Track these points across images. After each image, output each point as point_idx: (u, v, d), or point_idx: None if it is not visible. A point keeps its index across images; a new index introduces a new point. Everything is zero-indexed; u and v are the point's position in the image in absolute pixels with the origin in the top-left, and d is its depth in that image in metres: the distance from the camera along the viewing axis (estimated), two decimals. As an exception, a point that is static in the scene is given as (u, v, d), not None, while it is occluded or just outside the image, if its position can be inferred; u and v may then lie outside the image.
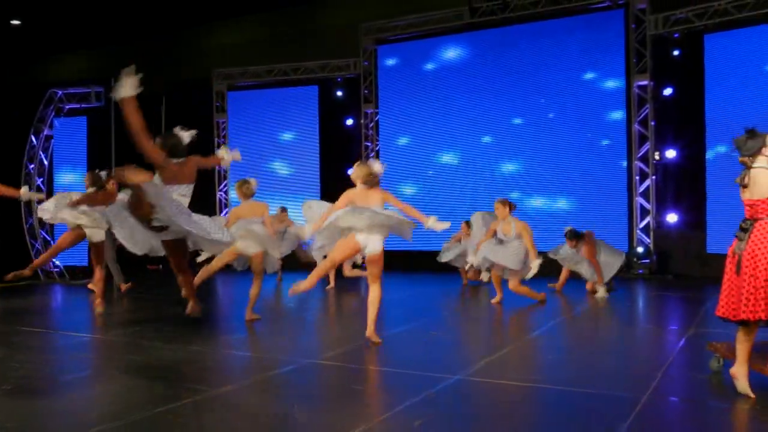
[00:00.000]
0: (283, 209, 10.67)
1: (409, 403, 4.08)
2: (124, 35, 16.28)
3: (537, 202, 12.15)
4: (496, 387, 4.46)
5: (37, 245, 13.27)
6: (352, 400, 4.38)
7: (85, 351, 6.02)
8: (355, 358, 5.47)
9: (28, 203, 13.13)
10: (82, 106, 13.74)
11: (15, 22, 14.34)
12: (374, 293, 5.73)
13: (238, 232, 6.53)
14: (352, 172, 6.00)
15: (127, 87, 4.92)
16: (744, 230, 4.10)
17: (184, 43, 16.21)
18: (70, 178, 14.07)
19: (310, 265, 6.66)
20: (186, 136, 5.53)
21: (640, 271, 11.25)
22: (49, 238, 13.48)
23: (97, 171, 7.82)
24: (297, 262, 9.95)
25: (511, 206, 7.89)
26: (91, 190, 7.62)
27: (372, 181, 5.90)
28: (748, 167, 4.11)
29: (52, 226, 13.59)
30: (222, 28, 15.94)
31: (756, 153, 4.11)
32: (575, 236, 8.80)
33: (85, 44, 16.60)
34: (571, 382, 4.58)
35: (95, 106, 13.53)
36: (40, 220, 13.38)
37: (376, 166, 6.00)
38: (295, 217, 10.72)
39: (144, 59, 16.50)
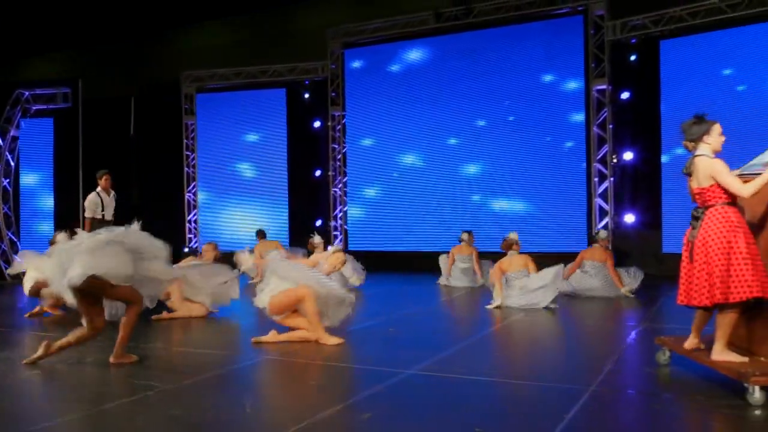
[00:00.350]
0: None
1: (360, 397, 4.02)
2: (94, 38, 16.04)
3: (499, 203, 12.14)
4: (447, 381, 4.39)
5: (2, 246, 12.97)
6: (305, 394, 4.29)
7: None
8: (311, 354, 5.37)
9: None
10: (50, 107, 13.48)
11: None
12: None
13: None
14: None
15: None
16: (696, 218, 4.12)
17: (155, 47, 16.01)
18: (35, 178, 13.79)
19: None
20: None
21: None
22: (15, 239, 13.19)
23: None
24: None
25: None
26: None
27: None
28: (692, 155, 4.13)
29: (17, 202, 13.35)
30: (192, 31, 15.78)
31: (698, 139, 4.12)
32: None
33: (54, 47, 16.32)
34: (522, 375, 4.55)
35: (62, 107, 13.27)
36: (6, 218, 13.12)
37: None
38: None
39: (114, 62, 16.38)
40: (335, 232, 13.72)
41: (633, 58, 11.33)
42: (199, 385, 4.37)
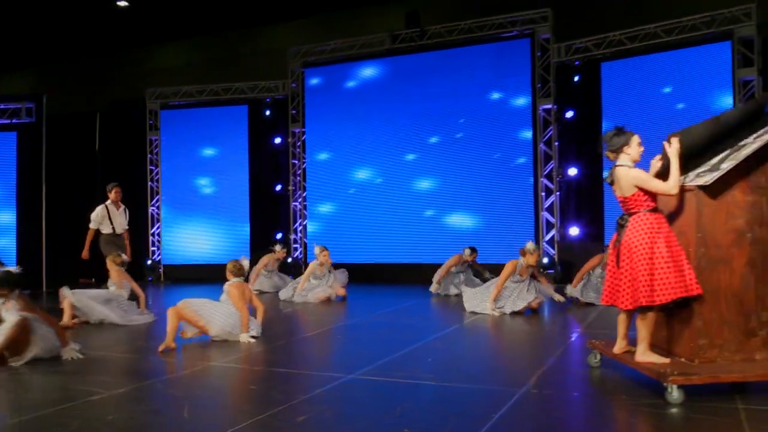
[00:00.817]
0: None
1: (297, 400, 3.96)
2: (61, 55, 15.81)
3: (452, 217, 12.18)
4: (385, 384, 4.37)
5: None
6: (243, 398, 4.23)
7: None
8: (255, 360, 5.30)
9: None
10: (13, 121, 13.18)
11: None
12: None
13: None
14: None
15: None
16: (621, 226, 4.17)
17: (121, 64, 15.83)
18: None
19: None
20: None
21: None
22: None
23: None
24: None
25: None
26: None
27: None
28: (614, 165, 4.19)
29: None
30: (158, 50, 15.65)
31: (619, 150, 4.19)
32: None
33: (21, 64, 16.06)
34: (459, 378, 4.53)
35: (27, 121, 13.00)
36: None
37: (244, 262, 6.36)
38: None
39: (80, 79, 16.16)
40: (295, 245, 13.63)
41: (576, 78, 11.49)
42: (142, 391, 4.28)
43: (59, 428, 3.45)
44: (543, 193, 11.67)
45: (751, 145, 3.99)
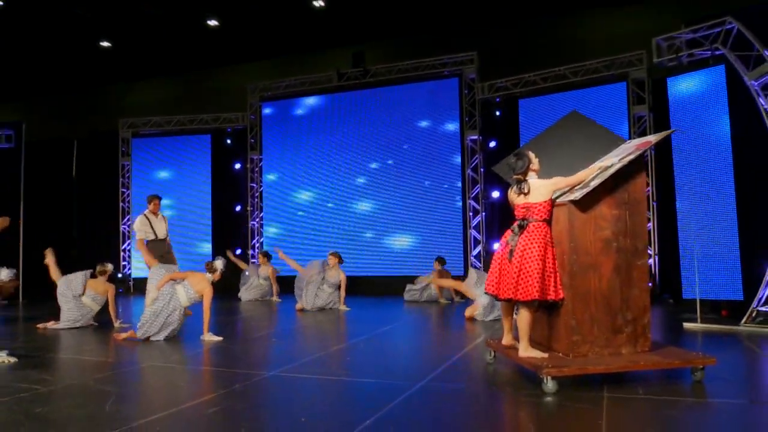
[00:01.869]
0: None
1: (215, 395, 3.86)
2: (40, 88, 15.47)
3: (391, 235, 12.18)
4: (297, 381, 4.29)
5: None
6: (168, 393, 4.10)
7: None
8: (191, 360, 5.17)
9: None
10: (-7, 147, 12.80)
11: None
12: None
13: None
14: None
15: None
16: (521, 227, 4.18)
17: (97, 98, 15.56)
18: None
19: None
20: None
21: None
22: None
23: None
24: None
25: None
26: None
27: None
28: (523, 180, 4.21)
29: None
30: (132, 86, 15.41)
31: (526, 171, 4.23)
32: None
33: (5, 96, 15.67)
34: (364, 374, 4.48)
35: (5, 147, 12.62)
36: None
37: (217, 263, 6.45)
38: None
39: (60, 110, 15.80)
40: (253, 260, 13.44)
41: (498, 113, 11.66)
42: (74, 387, 4.12)
43: None
44: (470, 213, 11.75)
45: (616, 165, 4.07)
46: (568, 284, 4.02)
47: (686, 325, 6.62)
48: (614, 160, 4.16)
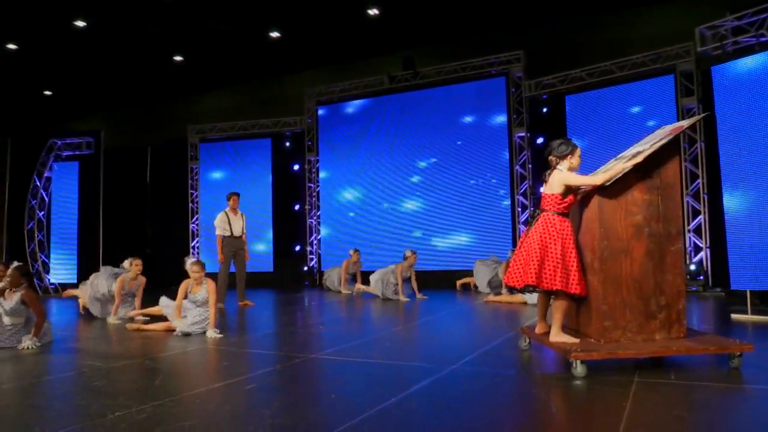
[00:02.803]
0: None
1: (255, 374, 3.91)
2: (118, 101, 16.10)
3: (443, 231, 12.08)
4: (335, 363, 4.30)
5: (36, 266, 12.86)
6: (207, 373, 4.18)
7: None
8: (239, 343, 5.27)
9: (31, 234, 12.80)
10: (76, 153, 13.48)
11: (47, 92, 14.24)
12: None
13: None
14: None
15: None
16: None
17: (169, 108, 16.09)
18: (64, 211, 13.69)
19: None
20: None
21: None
22: (47, 261, 13.09)
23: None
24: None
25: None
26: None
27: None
28: (552, 167, 4.10)
29: (48, 230, 13.23)
30: (200, 97, 15.86)
31: (563, 157, 4.13)
32: None
33: (89, 110, 16.41)
34: (399, 358, 4.44)
35: (86, 153, 13.27)
36: (40, 243, 13.03)
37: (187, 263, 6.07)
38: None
39: (133, 120, 16.44)
40: (311, 256, 13.63)
41: (545, 110, 11.39)
42: (129, 366, 4.26)
43: None
44: (519, 209, 11.53)
45: (647, 151, 3.89)
46: (599, 269, 3.86)
47: (735, 316, 6.26)
48: (646, 146, 3.98)
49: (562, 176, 4.06)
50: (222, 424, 2.83)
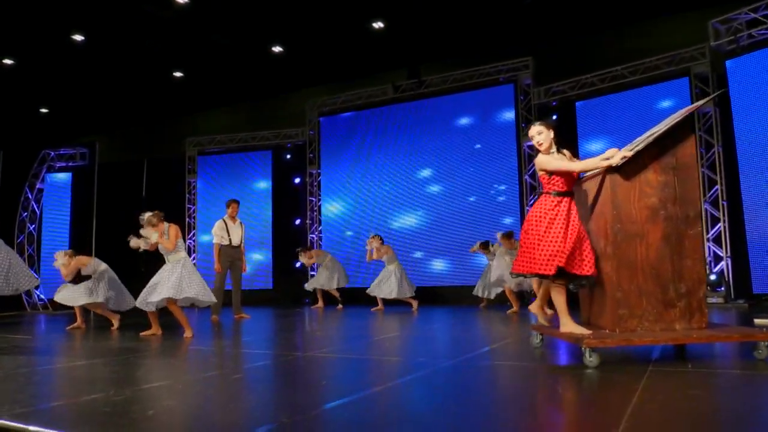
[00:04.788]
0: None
1: (245, 367, 3.81)
2: (115, 120, 16.10)
3: (448, 243, 11.94)
4: (329, 359, 4.18)
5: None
6: (200, 365, 4.08)
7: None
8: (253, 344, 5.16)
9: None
10: (69, 164, 13.50)
11: (43, 110, 14.33)
12: None
13: None
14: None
15: None
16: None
17: (167, 124, 16.10)
18: (55, 223, 13.65)
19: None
20: None
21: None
22: (36, 275, 12.99)
23: None
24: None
25: None
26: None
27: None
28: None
29: (39, 244, 13.17)
30: (199, 112, 15.90)
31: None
32: None
33: (88, 127, 16.45)
34: (397, 355, 4.33)
35: (80, 164, 13.30)
36: (29, 258, 12.96)
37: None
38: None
39: (131, 136, 16.49)
40: (312, 272, 13.48)
41: (554, 117, 11.35)
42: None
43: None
44: (529, 221, 11.39)
45: (661, 130, 3.81)
46: (612, 254, 3.75)
47: (757, 320, 6.10)
48: (660, 125, 3.91)
49: (538, 159, 4.06)
50: (205, 405, 2.76)
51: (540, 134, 4.05)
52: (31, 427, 2.27)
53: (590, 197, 4.09)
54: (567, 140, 10.97)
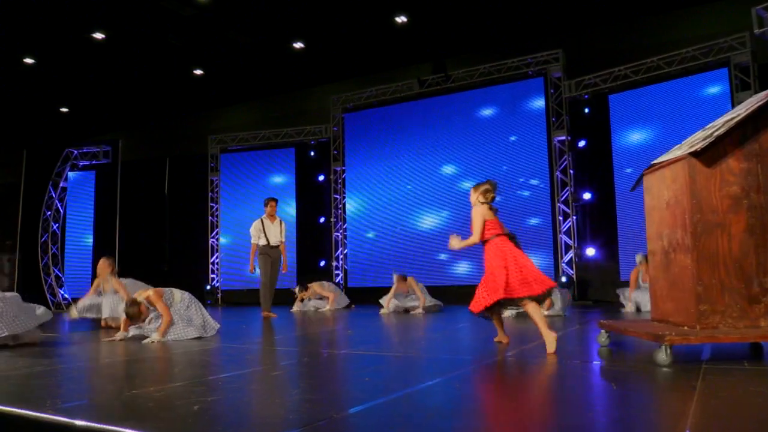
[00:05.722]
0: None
1: (285, 364, 3.61)
2: (136, 117, 16.05)
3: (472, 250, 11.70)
4: (369, 357, 3.97)
5: (49, 280, 12.70)
6: (240, 363, 3.89)
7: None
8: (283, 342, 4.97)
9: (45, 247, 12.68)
10: (93, 162, 13.41)
11: (63, 109, 14.27)
12: None
13: None
14: None
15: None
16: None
17: (188, 121, 16.02)
18: (79, 222, 13.56)
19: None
20: None
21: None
22: (60, 275, 12.93)
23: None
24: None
25: None
26: None
27: None
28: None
29: (63, 243, 13.09)
30: (221, 109, 15.80)
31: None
32: None
33: (110, 125, 16.42)
34: (439, 352, 4.11)
35: (104, 162, 13.19)
36: (53, 257, 12.89)
37: None
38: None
39: (153, 134, 16.41)
40: (336, 271, 13.33)
41: (587, 111, 11.08)
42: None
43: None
44: (560, 218, 11.15)
45: (741, 114, 3.56)
46: (692, 246, 3.50)
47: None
48: (741, 109, 3.66)
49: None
50: (249, 401, 2.66)
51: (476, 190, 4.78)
52: (77, 422, 2.18)
53: (665, 185, 3.84)
54: (599, 134, 10.76)
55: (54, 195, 13.05)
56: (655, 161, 4.00)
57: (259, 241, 8.38)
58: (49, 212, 12.98)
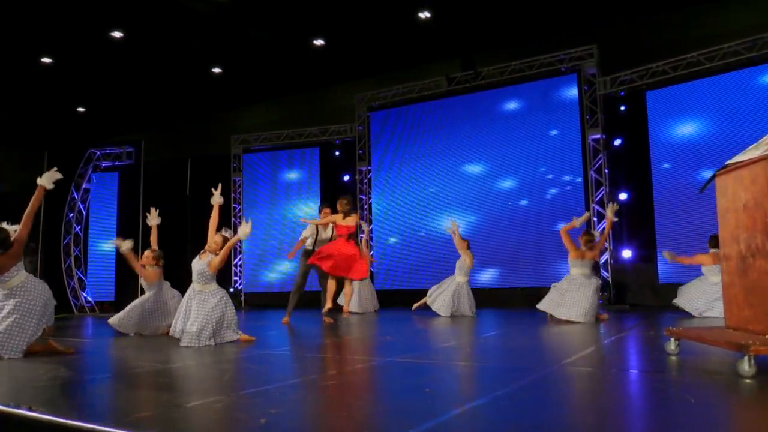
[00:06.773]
0: None
1: (334, 373, 3.48)
2: (158, 116, 16.03)
3: (511, 244, 11.51)
4: (419, 366, 3.83)
5: (72, 283, 12.71)
6: (289, 372, 3.77)
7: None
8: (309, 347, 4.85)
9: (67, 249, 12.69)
10: (115, 163, 13.40)
11: (80, 109, 14.32)
12: None
13: None
14: None
15: (45, 178, 4.74)
16: None
17: (210, 121, 15.99)
18: (102, 224, 13.56)
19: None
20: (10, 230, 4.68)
21: (600, 302, 10.47)
22: (83, 278, 12.93)
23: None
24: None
25: None
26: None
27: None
28: None
29: (86, 245, 13.07)
30: (242, 108, 15.74)
31: None
32: None
33: (130, 125, 16.44)
34: (491, 361, 3.96)
35: (126, 163, 13.18)
36: (76, 259, 12.88)
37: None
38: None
39: (174, 134, 16.40)
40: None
41: (623, 108, 10.86)
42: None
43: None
44: (595, 219, 10.93)
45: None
46: (774, 249, 3.32)
47: None
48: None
49: None
50: (315, 413, 2.55)
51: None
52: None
53: (742, 187, 3.65)
54: (636, 132, 10.53)
55: (76, 196, 13.06)
56: (729, 161, 3.80)
57: (306, 242, 8.30)
58: (72, 214, 12.98)
